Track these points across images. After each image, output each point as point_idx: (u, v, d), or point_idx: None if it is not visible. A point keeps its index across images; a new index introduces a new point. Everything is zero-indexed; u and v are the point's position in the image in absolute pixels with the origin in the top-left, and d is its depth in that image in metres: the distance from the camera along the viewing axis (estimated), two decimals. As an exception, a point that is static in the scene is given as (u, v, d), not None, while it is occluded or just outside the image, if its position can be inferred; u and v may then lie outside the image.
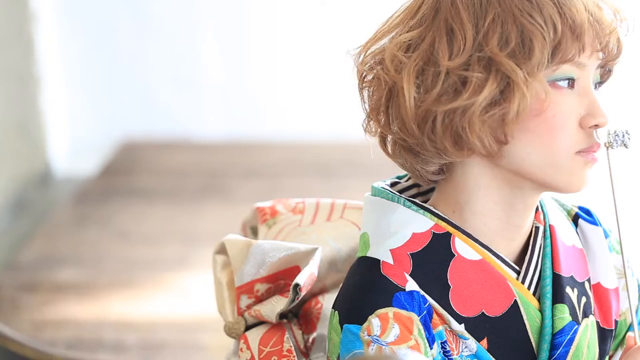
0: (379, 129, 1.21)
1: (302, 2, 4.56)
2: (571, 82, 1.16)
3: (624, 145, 1.18)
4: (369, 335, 1.15)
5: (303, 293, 1.23)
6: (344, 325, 1.17)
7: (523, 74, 1.12)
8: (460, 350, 1.19)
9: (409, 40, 1.17)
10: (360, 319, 1.16)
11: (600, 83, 1.21)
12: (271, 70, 4.60)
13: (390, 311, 1.16)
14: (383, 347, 1.15)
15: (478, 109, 1.13)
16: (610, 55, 1.18)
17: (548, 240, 1.25)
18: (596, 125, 1.17)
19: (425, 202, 1.24)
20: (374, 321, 1.16)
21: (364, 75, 1.21)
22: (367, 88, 1.21)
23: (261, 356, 1.24)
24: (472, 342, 1.19)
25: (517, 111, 1.13)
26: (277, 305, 1.25)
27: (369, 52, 1.21)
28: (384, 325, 1.15)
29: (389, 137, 1.22)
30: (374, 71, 1.20)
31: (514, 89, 1.13)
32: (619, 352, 1.31)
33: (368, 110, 1.21)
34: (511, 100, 1.13)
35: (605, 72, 1.21)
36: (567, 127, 1.15)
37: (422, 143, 1.17)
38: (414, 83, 1.15)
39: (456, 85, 1.14)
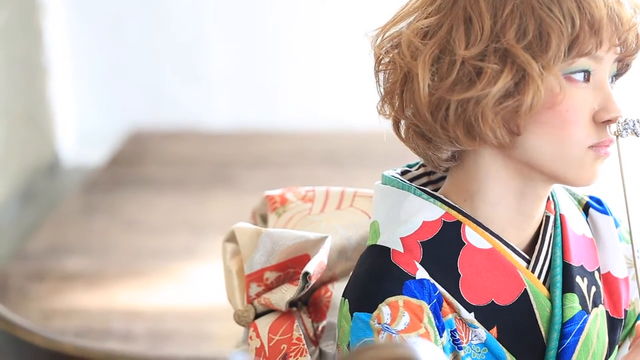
0: (392, 113, 1.21)
1: (310, -8, 4.55)
2: (587, 75, 1.16)
3: (635, 133, 1.18)
4: (379, 324, 1.15)
5: (313, 281, 1.23)
6: (354, 314, 1.17)
7: (539, 67, 1.12)
8: (470, 338, 1.19)
9: (427, 27, 1.17)
10: (371, 307, 1.16)
11: (616, 76, 1.21)
12: (279, 59, 4.60)
13: (400, 299, 1.16)
14: (393, 335, 1.15)
15: (492, 100, 1.13)
16: (628, 50, 1.17)
17: (559, 230, 1.25)
18: (609, 121, 1.16)
19: (436, 190, 1.24)
20: (384, 309, 1.16)
21: (380, 58, 1.20)
22: (383, 71, 1.21)
23: (271, 344, 1.24)
24: (481, 331, 1.19)
25: (530, 104, 1.13)
26: (286, 293, 1.25)
27: (386, 35, 1.20)
28: (394, 313, 1.15)
29: (403, 122, 1.21)
30: (391, 55, 1.19)
31: (529, 82, 1.13)
32: (628, 342, 1.31)
33: (383, 94, 1.21)
34: (525, 93, 1.13)
35: (623, 65, 1.20)
36: (579, 122, 1.15)
37: (435, 130, 1.17)
38: (429, 70, 1.15)
39: (471, 75, 1.13)
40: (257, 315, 1.28)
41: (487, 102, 1.13)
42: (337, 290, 1.31)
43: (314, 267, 1.22)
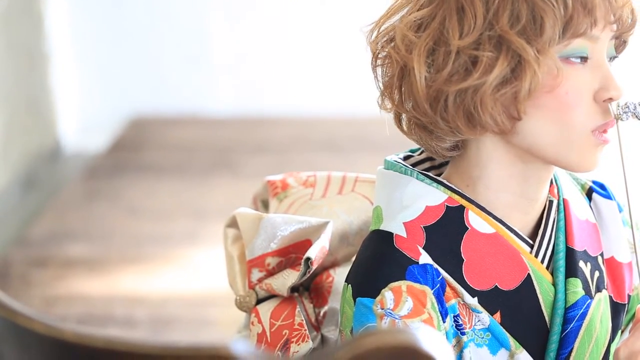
0: (393, 107, 1.21)
1: (312, -23, 4.54)
2: (584, 56, 1.15)
3: (636, 116, 1.17)
4: (382, 309, 1.15)
5: (314, 267, 1.22)
6: (357, 299, 1.17)
7: (534, 52, 1.11)
8: (473, 323, 1.19)
9: (420, 19, 1.16)
10: (374, 293, 1.16)
11: (615, 57, 1.20)
12: (280, 46, 4.59)
13: (403, 284, 1.16)
14: (396, 320, 1.15)
15: (489, 88, 1.12)
16: (624, 27, 1.17)
17: (562, 214, 1.25)
18: (610, 99, 1.15)
19: (439, 175, 1.23)
20: (387, 294, 1.15)
21: (376, 53, 1.20)
22: (380, 66, 1.20)
23: (272, 330, 1.24)
24: (485, 316, 1.19)
25: (529, 89, 1.12)
26: (288, 278, 1.25)
27: (380, 30, 1.20)
28: (397, 298, 1.15)
29: (404, 115, 1.21)
30: (386, 50, 1.19)
31: (525, 67, 1.12)
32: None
33: (382, 88, 1.21)
34: (522, 78, 1.12)
35: (620, 42, 1.19)
36: (580, 104, 1.14)
37: (435, 122, 1.16)
38: (425, 62, 1.15)
39: (467, 64, 1.13)
40: (259, 301, 1.27)
41: (485, 91, 1.13)
42: (338, 275, 1.31)
43: (316, 252, 1.22)
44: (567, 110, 1.14)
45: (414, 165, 1.25)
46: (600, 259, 1.26)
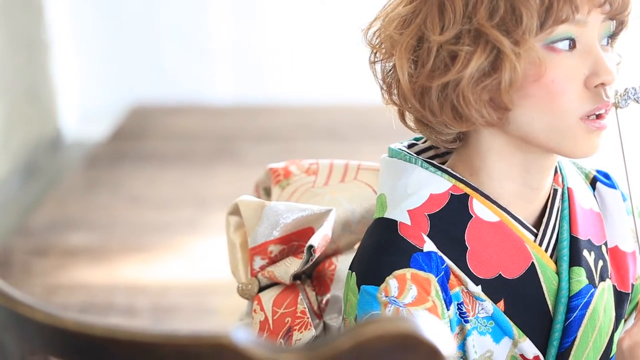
0: (392, 104, 1.21)
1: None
2: (572, 42, 1.13)
3: (636, 101, 1.16)
4: (387, 297, 1.15)
5: (317, 254, 1.22)
6: (361, 287, 1.17)
7: (510, 44, 1.11)
8: (477, 312, 1.19)
9: (404, 16, 1.17)
10: (378, 280, 1.15)
11: (613, 36, 1.18)
12: (281, 33, 4.58)
13: (407, 272, 1.15)
14: (400, 308, 1.14)
15: (468, 81, 1.12)
16: (616, 8, 1.14)
17: (566, 203, 1.24)
18: (602, 84, 1.14)
19: (443, 164, 1.23)
20: (392, 282, 1.15)
21: (374, 50, 1.21)
22: (378, 62, 1.21)
23: (275, 317, 1.24)
24: (488, 304, 1.18)
25: (509, 81, 1.12)
26: (290, 266, 1.24)
27: (374, 29, 1.20)
28: (402, 286, 1.15)
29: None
30: (379, 48, 1.20)
31: (503, 59, 1.11)
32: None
33: (381, 85, 1.21)
34: (501, 70, 1.12)
35: (618, 24, 1.17)
36: (568, 91, 1.13)
37: (427, 116, 1.17)
38: (409, 59, 1.15)
39: (446, 59, 1.13)
40: (261, 289, 1.27)
41: (464, 85, 1.12)
42: (341, 263, 1.31)
43: (319, 240, 1.22)
44: (555, 98, 1.13)
45: (418, 153, 1.25)
46: (604, 248, 1.26)
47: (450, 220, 1.18)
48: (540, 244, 1.21)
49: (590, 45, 1.14)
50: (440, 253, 1.17)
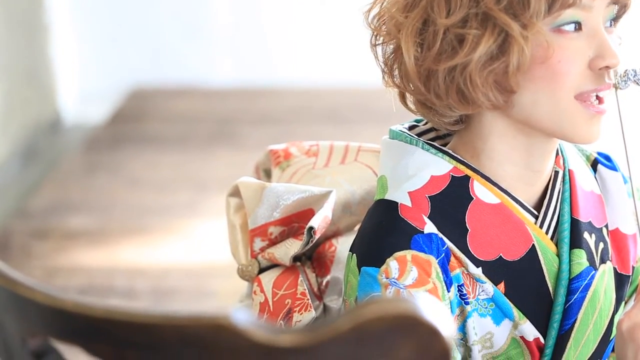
0: (394, 86, 1.21)
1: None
2: (577, 25, 1.14)
3: (636, 83, 1.16)
4: (387, 278, 1.15)
5: (317, 236, 1.22)
6: (361, 268, 1.17)
7: (518, 27, 1.11)
8: (477, 293, 1.19)
9: None
10: (378, 262, 1.15)
11: (616, 19, 1.18)
12: (281, 16, 4.57)
13: (408, 254, 1.15)
14: (401, 289, 1.14)
15: (476, 65, 1.12)
16: None
17: (567, 185, 1.24)
18: (607, 67, 1.14)
19: (444, 145, 1.23)
20: (392, 264, 1.15)
21: (375, 33, 1.20)
22: (379, 45, 1.20)
23: (275, 299, 1.24)
24: (489, 286, 1.18)
25: (517, 64, 1.12)
26: (291, 248, 1.24)
27: (376, 11, 1.20)
28: (402, 267, 1.15)
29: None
30: (382, 30, 1.19)
31: (512, 43, 1.11)
32: (635, 298, 1.31)
33: (382, 67, 1.21)
34: (509, 54, 1.12)
35: (620, 7, 1.18)
36: (572, 72, 1.13)
37: (431, 99, 1.17)
38: (414, 42, 1.15)
39: (453, 42, 1.13)
40: (261, 270, 1.27)
41: (472, 68, 1.12)
42: (341, 244, 1.31)
43: (319, 221, 1.22)
44: (558, 78, 1.13)
45: (419, 135, 1.25)
46: (605, 231, 1.26)
47: (451, 202, 1.18)
48: (541, 226, 1.21)
49: (596, 29, 1.14)
50: (440, 235, 1.17)
